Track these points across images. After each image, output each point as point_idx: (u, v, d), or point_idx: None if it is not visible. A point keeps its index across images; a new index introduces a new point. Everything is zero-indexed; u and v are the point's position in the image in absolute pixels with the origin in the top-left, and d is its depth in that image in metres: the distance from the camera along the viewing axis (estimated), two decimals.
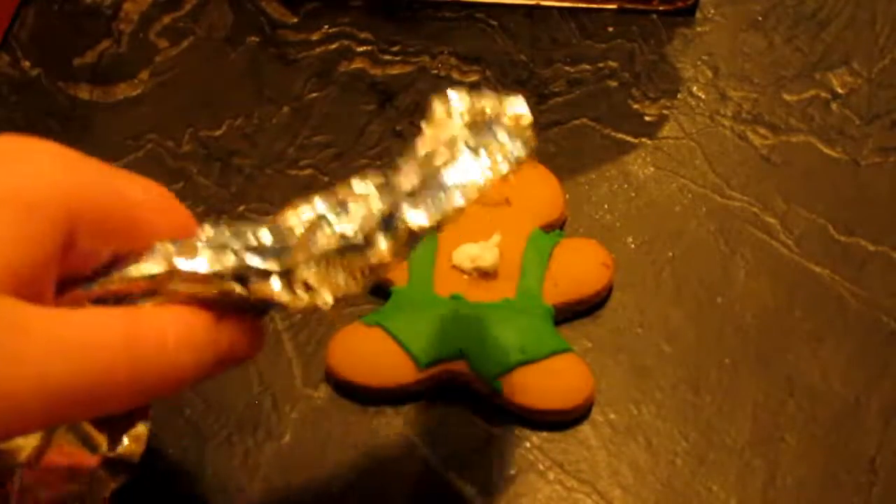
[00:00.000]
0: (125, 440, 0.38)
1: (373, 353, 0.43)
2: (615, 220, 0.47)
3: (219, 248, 0.31)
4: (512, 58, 0.52)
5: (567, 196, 0.47)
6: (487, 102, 0.34)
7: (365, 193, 0.32)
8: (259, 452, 0.42)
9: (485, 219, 0.45)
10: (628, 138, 0.49)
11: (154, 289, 0.31)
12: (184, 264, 0.31)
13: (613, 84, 0.51)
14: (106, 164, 0.31)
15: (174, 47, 0.52)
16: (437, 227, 0.32)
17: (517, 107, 0.34)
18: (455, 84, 0.51)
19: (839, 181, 0.48)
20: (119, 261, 0.31)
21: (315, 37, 0.52)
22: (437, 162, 0.33)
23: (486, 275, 0.44)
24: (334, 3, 0.53)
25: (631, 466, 0.41)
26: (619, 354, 0.44)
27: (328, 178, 0.48)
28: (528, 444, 0.42)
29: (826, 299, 0.45)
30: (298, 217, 0.32)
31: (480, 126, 0.33)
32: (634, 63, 0.51)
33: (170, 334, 0.29)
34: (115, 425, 0.38)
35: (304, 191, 0.48)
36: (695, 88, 0.51)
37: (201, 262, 0.31)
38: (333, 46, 0.52)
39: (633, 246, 0.46)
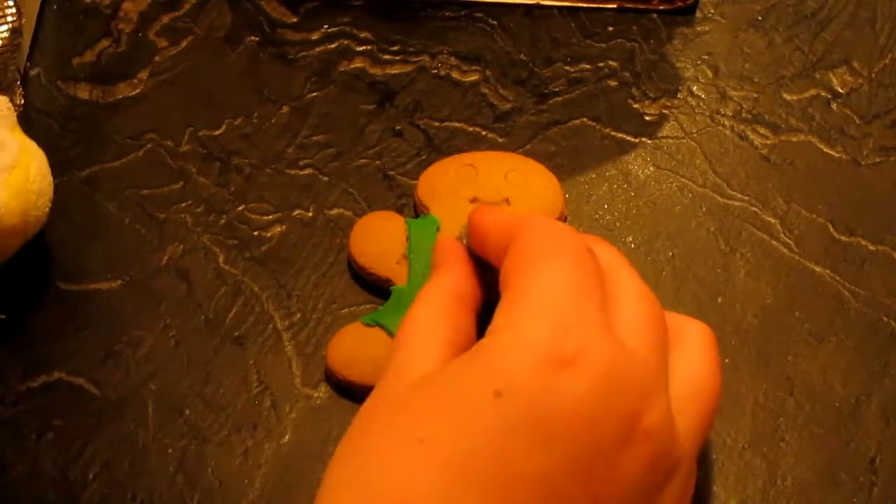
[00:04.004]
0: None
1: (372, 352, 0.43)
2: (615, 219, 0.47)
3: None
4: (512, 57, 0.51)
5: (567, 195, 0.47)
6: None
7: None
8: (259, 452, 0.42)
9: None
10: (628, 138, 0.49)
11: None
12: None
13: (613, 83, 0.51)
14: None
15: (173, 47, 0.52)
16: None
17: None
18: (455, 84, 0.51)
19: (839, 181, 0.48)
20: None
21: (315, 36, 0.52)
22: None
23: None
24: (334, 3, 0.53)
25: None
26: None
27: (328, 177, 0.48)
28: None
29: (826, 299, 0.45)
30: None
31: None
32: (634, 62, 0.51)
33: None
34: None
35: (304, 190, 0.48)
36: (695, 88, 0.51)
37: None
38: (333, 46, 0.52)
39: (633, 245, 0.46)
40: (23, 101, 0.49)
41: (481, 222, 0.38)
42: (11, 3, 0.49)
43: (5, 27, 0.48)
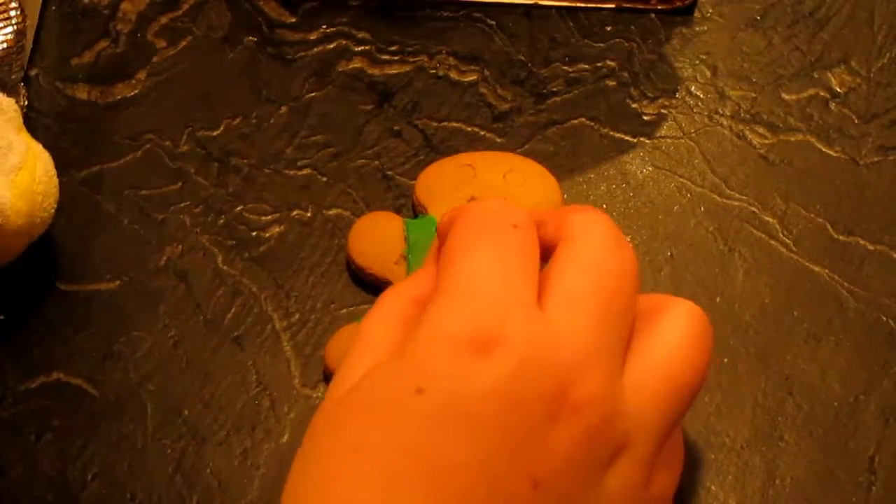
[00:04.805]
0: None
1: None
2: (613, 219, 0.47)
3: None
4: (510, 57, 0.51)
5: (565, 196, 0.47)
6: None
7: None
8: (257, 452, 0.42)
9: None
10: (627, 138, 0.49)
11: None
12: None
13: (612, 83, 0.51)
14: None
15: (172, 47, 0.52)
16: None
17: None
18: (454, 84, 0.51)
19: (838, 180, 0.48)
20: None
21: (313, 36, 0.52)
22: None
23: None
24: (332, 3, 0.53)
25: None
26: None
27: (326, 177, 0.48)
28: None
29: (825, 299, 0.45)
30: None
31: None
32: (633, 62, 0.51)
33: None
34: None
35: (303, 190, 0.48)
36: (693, 88, 0.51)
37: None
38: (331, 46, 0.52)
39: (631, 245, 0.46)
40: (26, 103, 0.49)
41: (438, 226, 0.38)
42: (15, 5, 0.49)
43: (10, 28, 0.48)
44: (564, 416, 0.32)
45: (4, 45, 0.48)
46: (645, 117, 0.50)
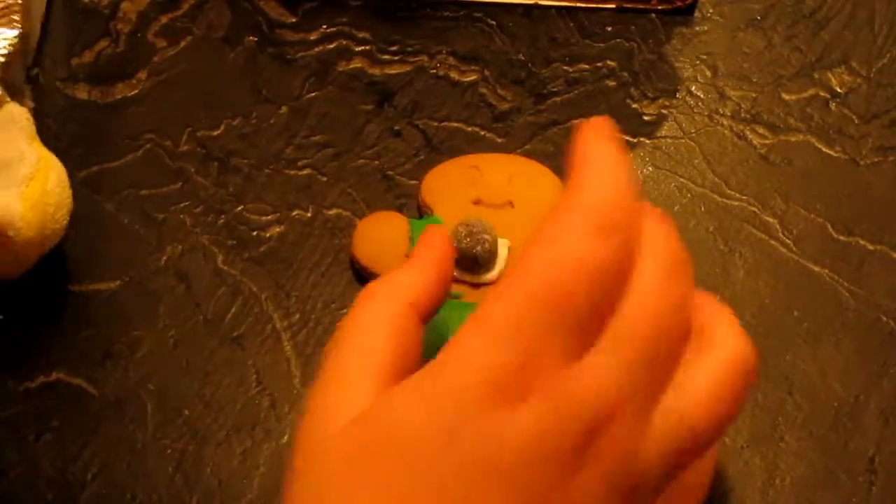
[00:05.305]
0: None
1: None
2: None
3: None
4: (510, 57, 0.51)
5: None
6: None
7: None
8: (257, 452, 0.42)
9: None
10: (627, 138, 0.49)
11: None
12: None
13: (612, 83, 0.51)
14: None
15: (172, 47, 0.52)
16: None
17: None
18: (454, 84, 0.51)
19: (838, 180, 0.48)
20: None
21: (313, 36, 0.52)
22: None
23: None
24: (333, 3, 0.53)
25: None
26: None
27: (326, 177, 0.48)
28: None
29: (825, 299, 0.45)
30: None
31: None
32: (633, 62, 0.51)
33: None
34: None
35: (303, 190, 0.48)
36: (693, 88, 0.51)
37: None
38: (332, 46, 0.52)
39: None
40: (33, 104, 0.49)
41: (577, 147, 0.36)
42: (17, 9, 0.49)
43: (14, 32, 0.48)
44: (589, 463, 0.31)
45: (10, 48, 0.48)
46: (645, 117, 0.50)
